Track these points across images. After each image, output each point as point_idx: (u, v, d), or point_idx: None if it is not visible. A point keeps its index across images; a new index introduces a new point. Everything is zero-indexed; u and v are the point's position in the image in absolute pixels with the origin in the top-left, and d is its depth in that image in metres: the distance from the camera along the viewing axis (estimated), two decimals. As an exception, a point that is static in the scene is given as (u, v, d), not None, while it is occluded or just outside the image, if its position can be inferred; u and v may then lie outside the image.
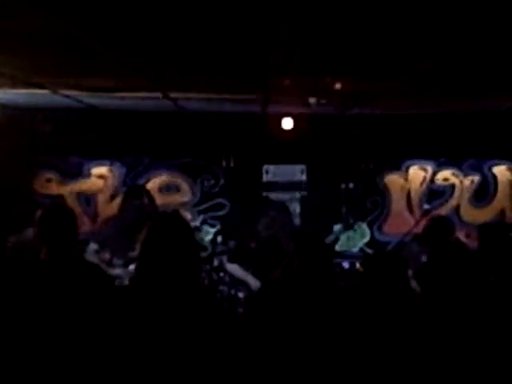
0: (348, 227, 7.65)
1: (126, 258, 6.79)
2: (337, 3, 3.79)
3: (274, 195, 10.19)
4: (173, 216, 3.92)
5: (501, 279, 5.08)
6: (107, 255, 6.90)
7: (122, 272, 6.67)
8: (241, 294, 6.88)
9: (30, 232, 4.73)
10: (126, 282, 6.48)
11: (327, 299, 4.39)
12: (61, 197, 9.99)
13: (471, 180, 10.46)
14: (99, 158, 10.18)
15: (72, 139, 9.81)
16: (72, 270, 4.13)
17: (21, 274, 4.15)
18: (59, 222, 4.23)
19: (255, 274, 6.78)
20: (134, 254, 6.79)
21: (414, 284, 6.71)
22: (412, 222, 9.69)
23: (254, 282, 6.72)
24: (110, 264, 6.82)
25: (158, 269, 3.55)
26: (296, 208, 10.08)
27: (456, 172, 10.45)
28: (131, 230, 6.94)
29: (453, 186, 10.45)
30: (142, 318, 3.47)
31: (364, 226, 10.34)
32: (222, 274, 7.48)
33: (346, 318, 4.32)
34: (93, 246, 6.94)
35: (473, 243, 7.33)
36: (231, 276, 7.05)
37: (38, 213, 4.31)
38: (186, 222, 3.84)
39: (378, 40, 4.76)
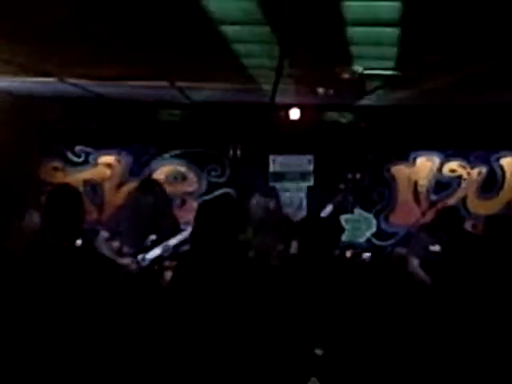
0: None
1: (136, 248, 6.82)
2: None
3: (280, 185, 10.17)
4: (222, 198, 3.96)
5: (506, 271, 5.07)
6: (117, 244, 6.91)
7: (131, 262, 6.70)
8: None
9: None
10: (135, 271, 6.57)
11: (328, 284, 4.33)
12: (66, 183, 9.99)
13: (478, 171, 10.43)
14: (106, 146, 10.20)
15: (79, 128, 9.81)
16: (77, 259, 4.11)
17: (25, 261, 4.13)
18: (64, 202, 4.19)
19: None
20: (146, 244, 6.89)
21: (421, 274, 6.72)
22: (419, 213, 9.69)
23: None
24: (119, 253, 6.85)
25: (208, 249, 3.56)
26: (303, 198, 10.07)
27: (463, 163, 10.42)
28: (144, 224, 6.97)
29: (460, 178, 10.42)
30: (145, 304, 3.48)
31: (370, 216, 10.33)
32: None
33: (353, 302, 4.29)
34: (104, 234, 6.96)
35: (479, 235, 7.32)
36: None
37: (44, 197, 4.30)
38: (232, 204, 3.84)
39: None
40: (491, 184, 10.45)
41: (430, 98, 8.93)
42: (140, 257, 6.73)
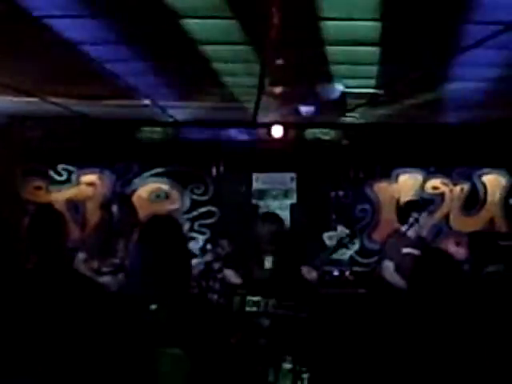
0: (341, 245, 7.61)
1: (114, 266, 6.77)
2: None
3: (263, 203, 10.17)
4: (165, 219, 3.85)
5: (489, 288, 5.09)
6: (95, 263, 6.87)
7: (111, 280, 6.65)
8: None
9: None
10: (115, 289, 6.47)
11: (301, 299, 4.30)
12: (50, 204, 9.94)
13: (461, 188, 10.46)
14: (88, 165, 10.15)
15: (61, 147, 9.78)
16: (61, 280, 4.07)
17: (8, 283, 4.09)
18: (48, 225, 4.16)
19: None
20: (119, 261, 6.82)
21: (397, 278, 6.79)
22: (401, 230, 9.68)
23: None
24: (98, 272, 6.80)
25: (149, 274, 3.48)
26: (286, 216, 10.06)
27: (446, 180, 10.45)
28: (114, 239, 6.94)
29: (442, 195, 10.45)
30: (130, 325, 3.43)
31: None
32: (211, 282, 7.46)
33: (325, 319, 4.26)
34: (81, 256, 6.92)
35: (463, 252, 7.33)
36: (223, 282, 7.01)
37: (27, 220, 4.26)
38: (178, 226, 3.75)
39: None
40: (474, 201, 10.48)
41: (412, 116, 8.97)
42: (120, 275, 6.67)
